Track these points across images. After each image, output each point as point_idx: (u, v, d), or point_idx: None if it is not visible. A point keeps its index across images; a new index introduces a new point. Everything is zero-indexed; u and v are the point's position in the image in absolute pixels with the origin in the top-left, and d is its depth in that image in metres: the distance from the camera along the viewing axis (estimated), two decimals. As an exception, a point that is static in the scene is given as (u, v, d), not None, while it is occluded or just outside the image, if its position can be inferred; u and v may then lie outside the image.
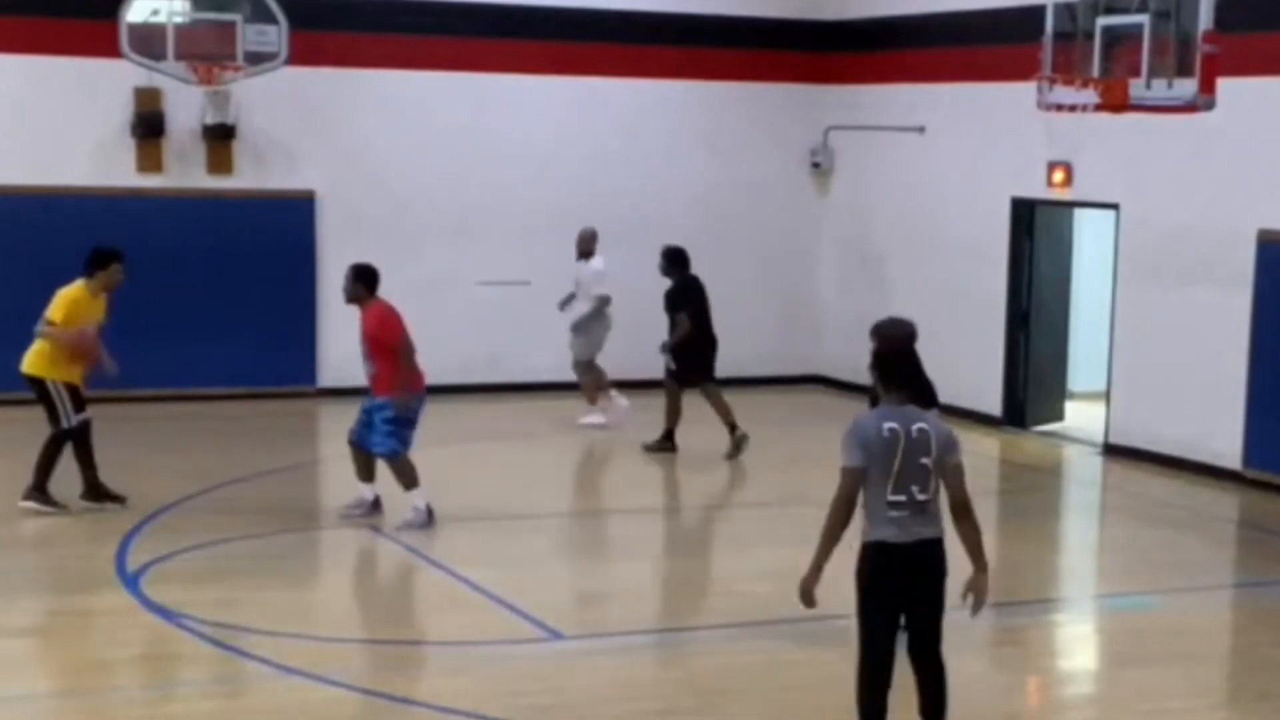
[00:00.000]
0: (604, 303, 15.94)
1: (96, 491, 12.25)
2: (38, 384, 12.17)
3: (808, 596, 7.04)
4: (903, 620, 7.14)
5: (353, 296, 11.98)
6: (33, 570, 10.71)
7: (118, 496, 12.29)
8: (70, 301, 12.03)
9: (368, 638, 9.52)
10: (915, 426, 6.93)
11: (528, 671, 9.16)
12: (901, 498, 6.91)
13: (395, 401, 11.76)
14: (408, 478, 11.98)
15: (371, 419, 11.92)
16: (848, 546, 7.05)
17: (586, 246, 16.10)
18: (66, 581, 10.37)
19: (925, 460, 6.91)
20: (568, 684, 8.84)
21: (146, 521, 11.83)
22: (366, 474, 12.16)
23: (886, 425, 6.91)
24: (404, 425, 11.89)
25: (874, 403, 7.37)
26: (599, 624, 10.15)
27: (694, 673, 9.04)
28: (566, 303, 16.26)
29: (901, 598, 7.07)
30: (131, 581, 10.33)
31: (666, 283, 15.12)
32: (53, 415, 12.14)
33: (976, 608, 7.07)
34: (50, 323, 12.01)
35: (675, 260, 15.05)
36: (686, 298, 14.86)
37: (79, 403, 12.16)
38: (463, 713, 8.18)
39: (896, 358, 7.12)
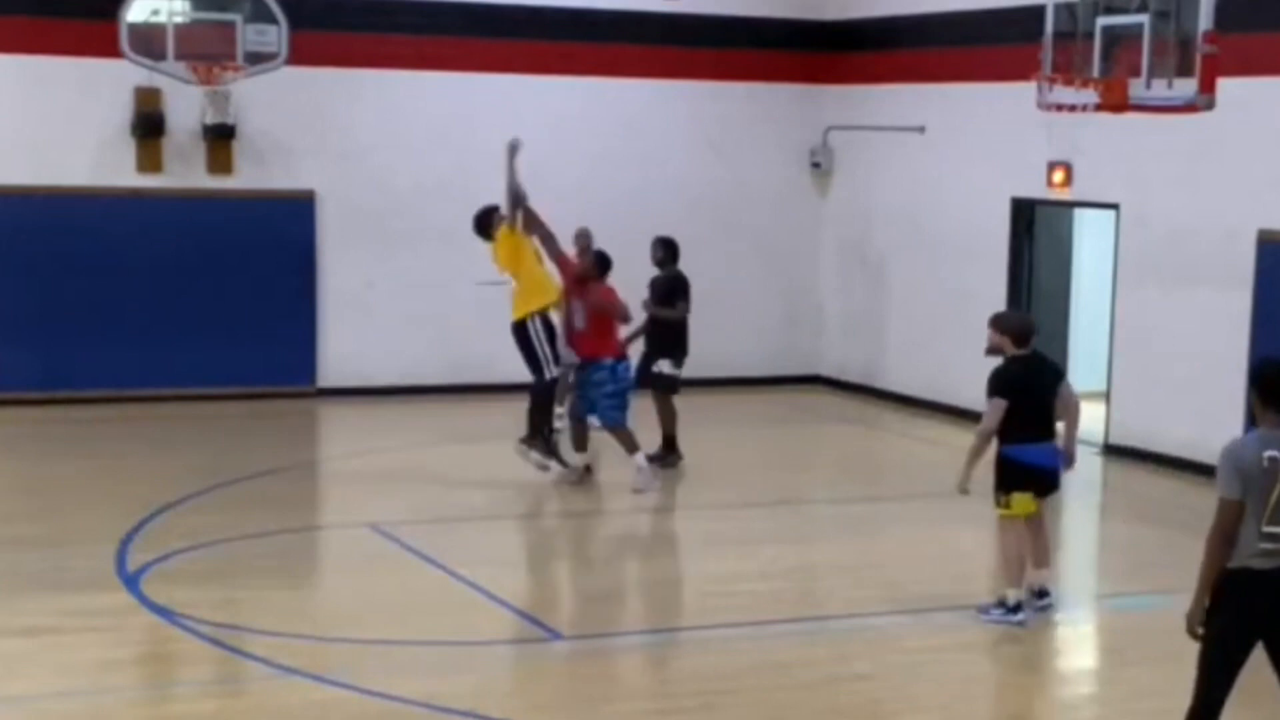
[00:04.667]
0: None
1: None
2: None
3: (1195, 633, 6.74)
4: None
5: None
6: (33, 570, 10.70)
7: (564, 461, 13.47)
8: None
9: (368, 638, 9.52)
10: None
11: (528, 671, 9.17)
12: (1277, 529, 6.51)
13: None
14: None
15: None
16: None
17: (586, 244, 15.98)
18: (66, 581, 10.36)
19: None
20: (568, 684, 8.84)
21: (146, 521, 11.83)
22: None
23: (1267, 454, 6.50)
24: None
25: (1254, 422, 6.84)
26: (599, 624, 10.15)
27: (694, 673, 9.04)
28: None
29: (1259, 628, 6.68)
30: (131, 581, 10.33)
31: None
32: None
33: None
34: None
35: (674, 251, 14.77)
36: (684, 290, 14.59)
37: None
38: (463, 713, 8.18)
39: None
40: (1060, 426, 10.19)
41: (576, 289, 13.44)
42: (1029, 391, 9.94)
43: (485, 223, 13.57)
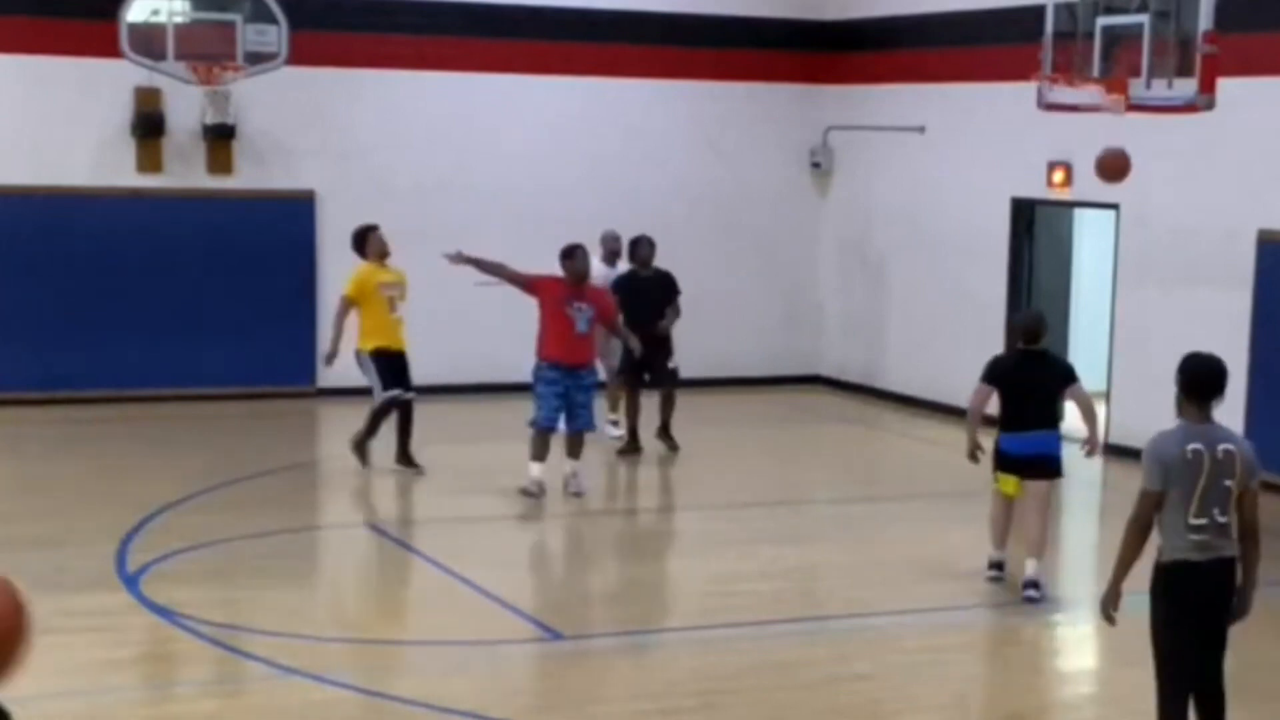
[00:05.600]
0: None
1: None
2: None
3: (1109, 616, 7.00)
4: None
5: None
6: (33, 570, 10.66)
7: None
8: None
9: (368, 638, 9.52)
10: (1221, 448, 6.75)
11: (528, 671, 9.17)
12: (1203, 521, 6.74)
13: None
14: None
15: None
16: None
17: (617, 248, 15.64)
18: (66, 581, 10.35)
19: (1229, 483, 6.74)
20: (568, 684, 8.84)
21: (146, 521, 11.83)
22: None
23: (1190, 447, 6.72)
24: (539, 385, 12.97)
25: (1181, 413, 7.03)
26: (599, 624, 10.16)
27: (694, 673, 9.04)
28: None
29: (1195, 617, 6.90)
30: (131, 581, 10.33)
31: None
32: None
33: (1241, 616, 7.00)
34: None
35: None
36: (678, 288, 14.83)
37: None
38: (463, 713, 8.18)
39: (1212, 377, 6.84)
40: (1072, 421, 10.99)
41: (574, 293, 12.96)
42: (1017, 384, 10.46)
43: (361, 241, 13.95)
